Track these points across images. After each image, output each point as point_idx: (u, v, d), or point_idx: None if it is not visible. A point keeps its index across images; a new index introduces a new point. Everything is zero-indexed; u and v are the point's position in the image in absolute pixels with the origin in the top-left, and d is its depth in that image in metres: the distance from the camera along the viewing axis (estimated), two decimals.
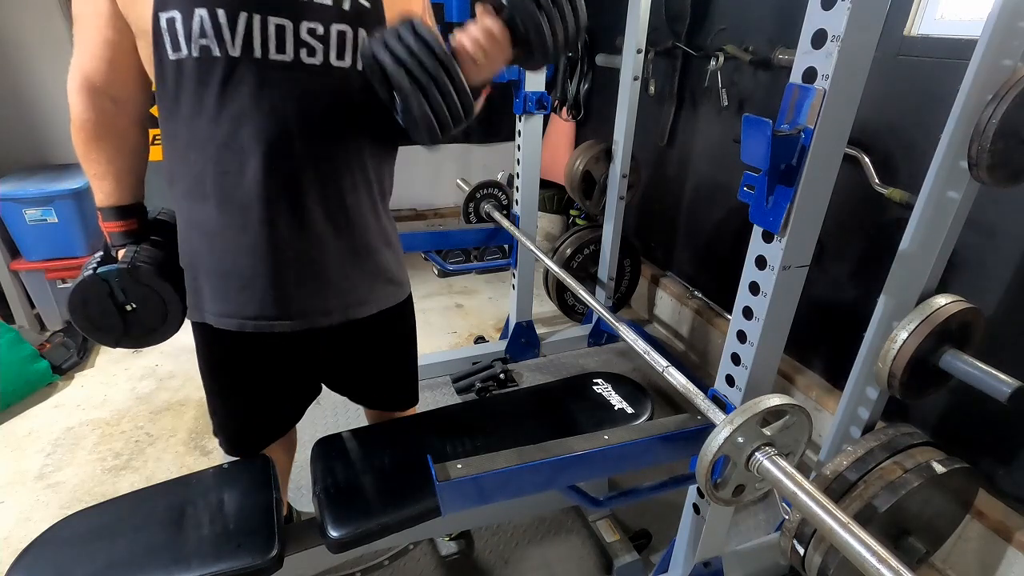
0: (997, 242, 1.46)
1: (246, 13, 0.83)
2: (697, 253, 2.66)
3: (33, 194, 2.37)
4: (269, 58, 0.86)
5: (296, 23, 0.86)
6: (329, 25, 0.88)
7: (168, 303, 1.05)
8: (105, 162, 0.99)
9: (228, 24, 0.83)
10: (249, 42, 0.85)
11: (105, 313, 1.01)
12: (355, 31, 0.90)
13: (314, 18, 0.87)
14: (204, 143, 0.91)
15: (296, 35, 0.87)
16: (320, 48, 0.89)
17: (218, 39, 0.83)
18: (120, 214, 1.03)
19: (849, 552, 0.74)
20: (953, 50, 1.49)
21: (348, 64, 0.92)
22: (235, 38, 0.84)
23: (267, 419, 1.22)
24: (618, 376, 1.51)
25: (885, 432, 1.24)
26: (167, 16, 0.82)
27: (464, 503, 0.98)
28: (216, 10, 0.82)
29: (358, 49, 0.91)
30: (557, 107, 3.27)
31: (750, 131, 0.84)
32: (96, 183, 1.00)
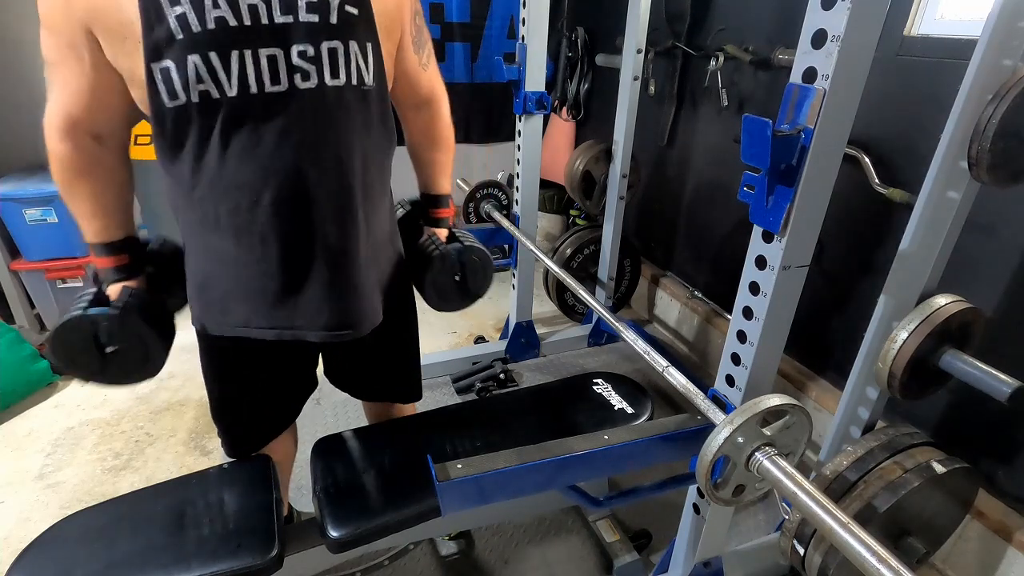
0: (997, 242, 1.46)
1: (237, 51, 0.83)
2: (697, 253, 2.66)
3: (33, 194, 2.37)
4: (265, 91, 0.86)
5: (286, 50, 0.86)
6: (319, 45, 0.87)
7: (151, 352, 1.02)
8: (92, 199, 0.96)
9: (222, 66, 0.83)
10: (244, 80, 0.84)
11: (85, 351, 0.97)
12: (346, 45, 0.89)
13: (303, 40, 0.86)
14: (212, 182, 0.91)
15: (288, 62, 0.86)
16: (313, 70, 0.88)
17: (215, 82, 0.83)
18: (111, 250, 1.00)
19: (849, 552, 0.74)
20: (953, 50, 1.49)
21: (343, 82, 0.91)
22: (231, 78, 0.84)
23: (271, 418, 1.23)
24: (618, 376, 1.51)
25: (885, 432, 1.24)
26: (160, 67, 0.81)
27: (464, 503, 0.98)
28: (208, 54, 0.81)
29: (351, 65, 0.91)
30: (557, 107, 3.27)
31: (750, 131, 0.84)
32: (84, 222, 0.97)
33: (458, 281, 1.26)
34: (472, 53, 3.24)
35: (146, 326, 1.00)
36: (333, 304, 1.02)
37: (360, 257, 1.03)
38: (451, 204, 1.30)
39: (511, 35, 3.24)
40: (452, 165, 1.27)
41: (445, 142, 1.23)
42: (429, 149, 1.22)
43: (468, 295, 1.31)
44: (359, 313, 1.06)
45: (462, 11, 3.12)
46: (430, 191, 1.28)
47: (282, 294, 0.99)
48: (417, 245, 1.25)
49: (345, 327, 1.04)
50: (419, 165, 1.26)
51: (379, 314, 1.11)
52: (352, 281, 1.03)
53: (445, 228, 1.29)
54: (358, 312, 1.05)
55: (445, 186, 1.27)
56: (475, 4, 3.13)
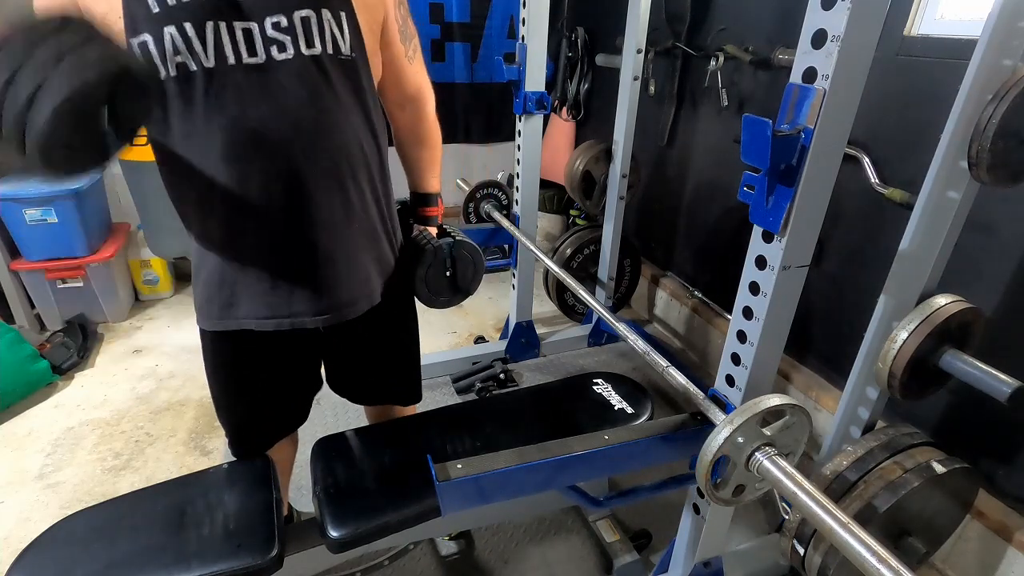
0: (997, 242, 1.46)
1: (212, 22, 0.84)
2: (697, 253, 2.66)
3: (33, 194, 2.37)
4: (243, 63, 0.87)
5: (260, 22, 0.86)
6: (291, 14, 0.88)
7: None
8: None
9: (198, 36, 0.83)
10: (221, 50, 0.85)
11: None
12: (318, 13, 0.89)
13: (276, 11, 0.87)
14: (201, 160, 0.91)
15: (263, 34, 0.87)
16: (288, 40, 0.88)
17: (191, 53, 0.84)
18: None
19: (849, 552, 0.74)
20: (953, 50, 1.49)
21: (319, 50, 0.91)
22: (207, 49, 0.84)
23: (275, 417, 1.23)
24: (618, 376, 1.51)
25: (885, 432, 1.24)
26: (138, 41, 0.83)
27: (464, 503, 0.98)
28: (184, 24, 0.82)
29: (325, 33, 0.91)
30: (557, 107, 3.27)
31: (750, 131, 0.84)
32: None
33: (449, 276, 1.29)
34: (472, 53, 3.24)
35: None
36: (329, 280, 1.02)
37: (352, 231, 1.03)
38: (440, 203, 1.31)
39: (511, 35, 3.25)
40: (440, 163, 1.28)
41: (431, 140, 1.23)
42: (415, 147, 1.23)
43: (459, 290, 1.33)
44: (355, 290, 1.06)
45: (462, 11, 3.12)
46: (418, 190, 1.28)
47: (277, 274, 0.99)
48: (408, 240, 1.25)
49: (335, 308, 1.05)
50: (407, 164, 1.26)
51: (376, 294, 1.11)
52: (347, 256, 1.03)
53: (434, 226, 1.30)
54: (354, 289, 1.06)
55: (433, 184, 1.28)
56: (475, 4, 3.13)
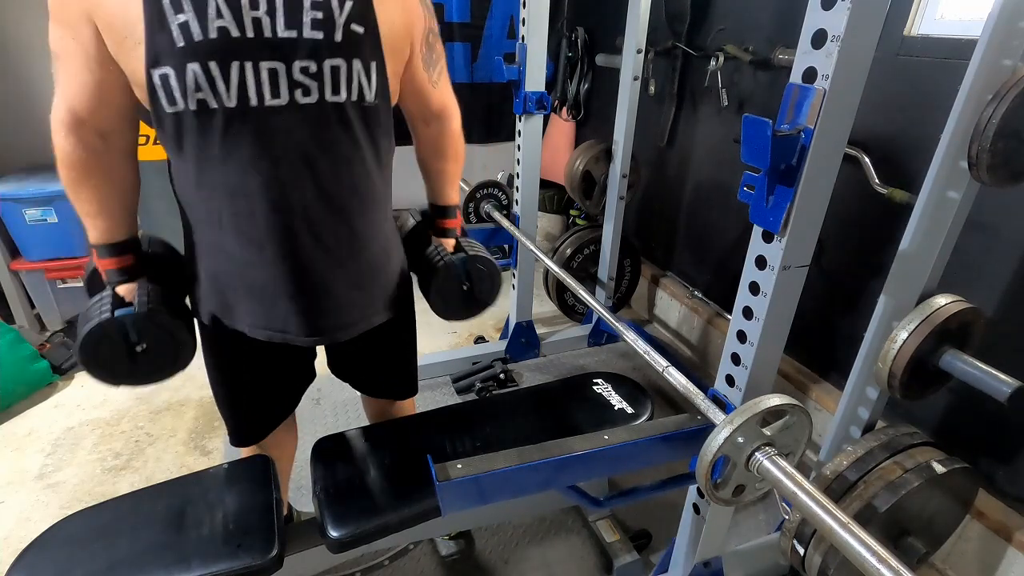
0: (997, 242, 1.46)
1: (238, 63, 0.82)
2: (697, 253, 2.66)
3: (33, 194, 2.37)
4: (265, 104, 0.86)
5: (288, 64, 0.85)
6: (322, 62, 0.86)
7: (181, 346, 1.04)
8: (97, 200, 0.95)
9: (222, 76, 0.82)
10: (244, 91, 0.84)
11: (115, 355, 0.98)
12: (349, 63, 0.89)
13: (306, 56, 0.85)
14: (214, 185, 0.91)
15: (289, 76, 0.86)
16: (315, 86, 0.88)
17: (213, 92, 0.83)
18: (116, 251, 0.99)
19: (849, 552, 0.74)
20: (953, 50, 1.49)
21: (343, 98, 0.90)
22: (230, 89, 0.83)
23: (271, 406, 1.24)
24: (618, 376, 1.51)
25: (885, 432, 1.24)
26: (159, 73, 0.81)
27: (464, 503, 0.98)
28: (208, 63, 0.81)
29: (352, 82, 0.90)
30: (557, 107, 3.27)
31: (750, 131, 0.84)
32: (88, 221, 0.97)
33: (465, 290, 1.27)
34: (472, 53, 3.24)
35: (175, 320, 1.01)
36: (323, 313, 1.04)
37: (355, 268, 1.04)
38: (459, 215, 1.29)
39: (511, 35, 3.24)
40: (460, 176, 1.26)
41: (454, 154, 1.21)
42: (438, 159, 1.21)
43: (476, 304, 1.32)
44: (349, 320, 1.07)
45: (462, 11, 3.12)
46: (437, 202, 1.27)
47: (276, 298, 1.00)
48: (423, 255, 1.25)
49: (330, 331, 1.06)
50: (427, 175, 1.25)
51: (370, 320, 1.12)
52: (346, 290, 1.04)
53: (452, 238, 1.29)
54: (348, 320, 1.07)
55: (453, 197, 1.26)
56: (475, 4, 3.13)
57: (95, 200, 0.95)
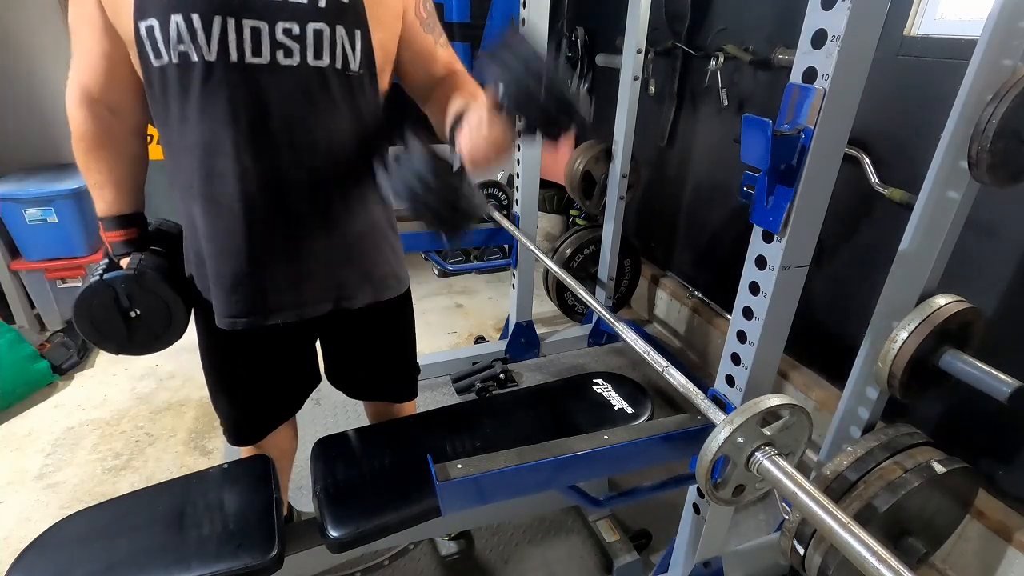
0: (997, 242, 1.46)
1: (220, 17, 0.83)
2: (697, 253, 2.66)
3: (33, 194, 2.37)
4: (245, 61, 0.87)
5: (271, 24, 0.86)
6: (305, 24, 0.87)
7: (173, 310, 1.04)
8: (105, 171, 0.99)
9: (203, 28, 0.83)
10: (225, 46, 0.85)
11: (110, 319, 0.99)
12: (332, 28, 0.89)
13: (289, 18, 0.86)
14: (191, 147, 0.92)
15: (272, 36, 0.86)
16: (297, 48, 0.88)
17: (194, 44, 0.84)
18: (121, 223, 1.03)
19: (849, 552, 0.74)
20: (953, 50, 1.49)
21: (326, 63, 0.91)
22: (211, 42, 0.84)
23: (268, 407, 1.24)
24: (618, 376, 1.51)
25: (885, 432, 1.24)
26: (146, 24, 0.83)
27: (464, 503, 0.98)
28: (191, 15, 0.82)
29: (336, 48, 0.90)
30: None
31: (750, 131, 0.84)
32: (96, 192, 1.01)
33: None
34: (472, 53, 3.24)
35: (164, 284, 1.02)
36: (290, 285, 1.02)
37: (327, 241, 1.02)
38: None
39: None
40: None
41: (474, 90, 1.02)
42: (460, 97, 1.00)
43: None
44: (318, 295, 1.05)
45: (462, 11, 3.12)
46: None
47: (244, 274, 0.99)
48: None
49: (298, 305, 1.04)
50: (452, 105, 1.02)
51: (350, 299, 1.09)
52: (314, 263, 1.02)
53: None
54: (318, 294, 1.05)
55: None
56: (475, 4, 3.13)
57: (104, 171, 0.99)
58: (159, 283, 1.01)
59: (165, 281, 1.02)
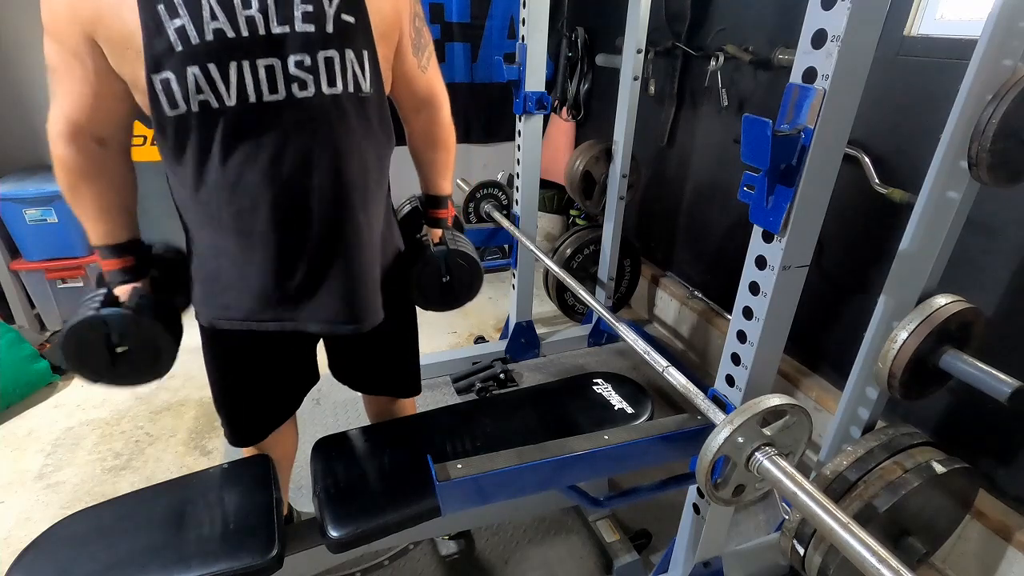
0: (997, 242, 1.46)
1: (235, 62, 0.84)
2: (697, 253, 2.66)
3: (33, 194, 2.37)
4: (264, 100, 0.87)
5: (283, 60, 0.86)
6: (316, 54, 0.88)
7: (162, 352, 1.03)
8: (96, 202, 0.96)
9: (221, 77, 0.84)
10: (243, 89, 0.85)
11: (97, 352, 0.97)
12: (342, 54, 0.90)
13: (300, 50, 0.87)
14: (214, 186, 0.92)
15: (285, 71, 0.87)
16: (311, 79, 0.89)
17: (214, 92, 0.84)
18: (116, 252, 1.00)
19: (849, 552, 0.74)
20: (953, 50, 1.49)
21: (340, 90, 0.91)
22: (229, 89, 0.85)
23: (272, 407, 1.25)
24: (618, 376, 1.51)
25: (885, 432, 1.24)
26: (160, 78, 0.82)
27: (464, 503, 0.98)
28: (208, 65, 0.82)
29: (347, 73, 0.91)
30: (557, 107, 3.27)
31: (750, 131, 0.84)
32: (89, 225, 0.98)
33: (445, 283, 1.27)
34: (472, 53, 3.24)
35: (159, 326, 1.00)
36: (333, 303, 1.04)
37: (359, 257, 1.04)
38: (450, 206, 1.31)
39: (511, 35, 3.24)
40: (453, 166, 1.28)
41: (444, 143, 1.23)
42: (429, 150, 1.23)
43: (453, 298, 1.31)
44: (359, 312, 1.07)
45: (462, 11, 3.12)
46: (429, 192, 1.29)
47: (283, 293, 1.01)
48: (411, 242, 1.26)
49: (344, 323, 1.06)
50: (419, 165, 1.27)
51: (379, 312, 1.12)
52: (352, 280, 1.04)
53: (440, 229, 1.30)
54: (358, 311, 1.07)
55: (445, 187, 1.28)
56: (475, 4, 3.13)
57: (94, 203, 0.96)
58: (154, 324, 0.99)
59: (160, 322, 1.00)
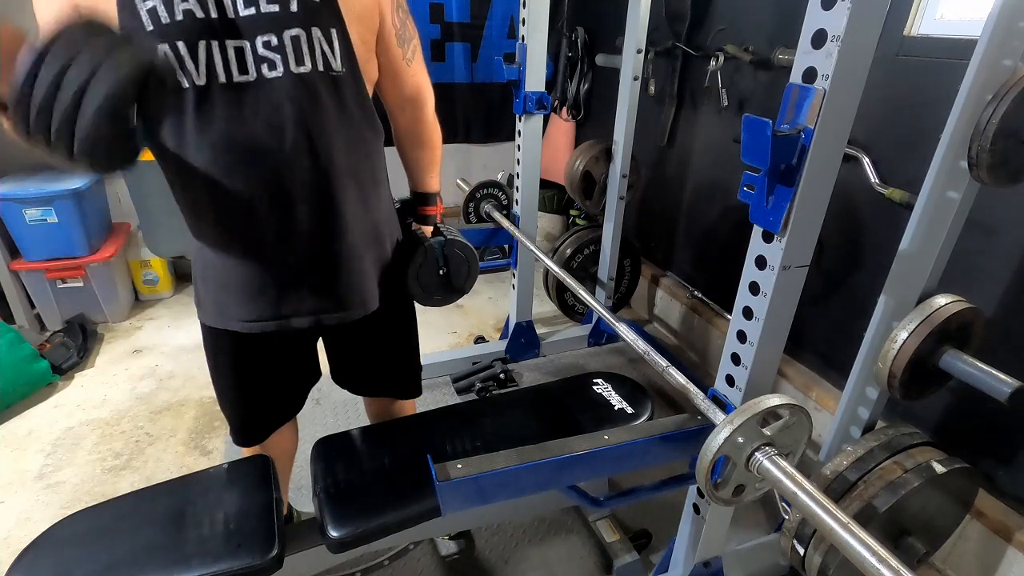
0: (997, 242, 1.46)
1: (204, 42, 0.85)
2: (697, 253, 2.66)
3: (33, 194, 2.37)
4: (234, 81, 0.88)
5: (252, 41, 0.87)
6: (282, 33, 0.88)
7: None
8: None
9: (190, 55, 0.84)
10: (212, 69, 0.86)
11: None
12: (308, 32, 0.89)
13: (267, 30, 0.87)
14: (192, 171, 0.92)
15: (254, 52, 0.88)
16: (279, 59, 0.89)
17: (183, 71, 0.85)
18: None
19: (849, 552, 0.74)
20: (953, 50, 1.49)
21: (309, 68, 0.91)
22: (199, 67, 0.85)
23: (275, 406, 1.25)
24: (618, 376, 1.51)
25: (885, 432, 1.24)
26: None
27: (464, 503, 0.98)
28: (176, 43, 0.83)
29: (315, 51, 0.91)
30: (557, 107, 3.27)
31: (750, 131, 0.84)
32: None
33: (442, 275, 1.29)
34: (472, 53, 3.24)
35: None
36: (318, 289, 1.04)
37: (344, 241, 1.03)
38: (439, 202, 1.32)
39: (511, 35, 3.25)
40: (439, 164, 1.28)
41: (430, 140, 1.23)
42: (414, 147, 1.24)
43: (452, 290, 1.33)
44: (346, 297, 1.07)
45: (462, 11, 3.12)
46: (418, 189, 1.29)
47: (264, 282, 1.01)
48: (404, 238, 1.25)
49: (332, 311, 1.06)
50: (406, 163, 1.27)
51: (373, 300, 1.12)
52: (336, 265, 1.04)
53: (431, 225, 1.31)
54: (345, 296, 1.07)
55: (432, 184, 1.29)
56: (475, 4, 3.13)
57: None
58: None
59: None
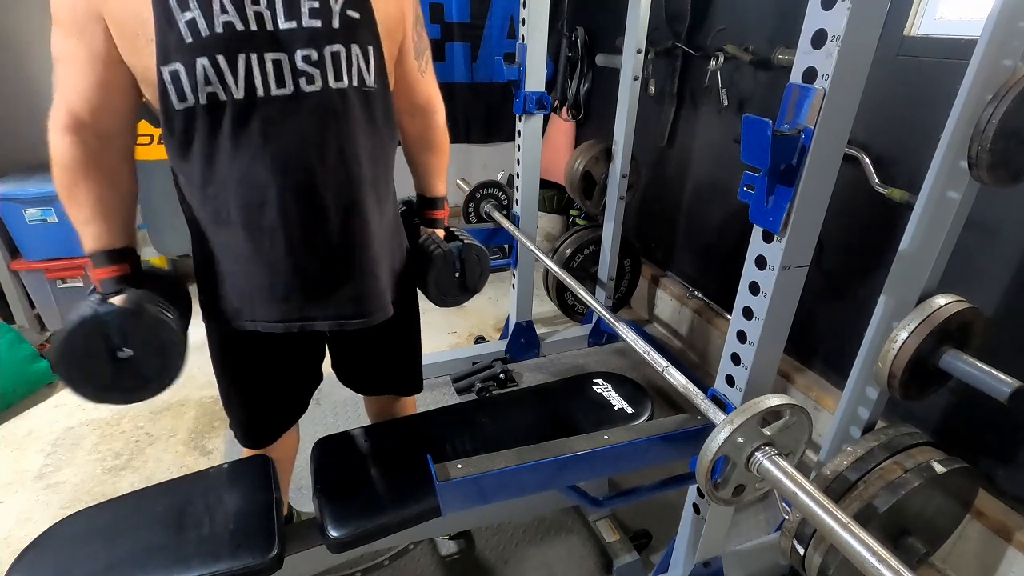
0: (997, 242, 1.46)
1: (244, 55, 0.84)
2: (697, 253, 2.66)
3: (33, 194, 2.37)
4: (272, 94, 0.88)
5: (291, 55, 0.87)
6: (322, 49, 0.89)
7: (169, 354, 0.92)
8: (93, 203, 0.91)
9: (230, 69, 0.84)
10: (251, 82, 0.86)
11: (95, 358, 0.86)
12: (348, 48, 0.90)
13: (307, 45, 0.88)
14: (223, 180, 0.92)
15: (292, 66, 0.88)
16: (318, 74, 0.89)
17: (222, 84, 0.85)
18: (112, 258, 0.93)
19: (849, 552, 0.74)
20: (953, 50, 1.49)
21: (346, 84, 0.92)
22: (238, 81, 0.85)
23: (281, 411, 1.25)
24: (618, 376, 1.51)
25: (885, 432, 1.24)
26: (170, 70, 0.83)
27: (464, 503, 0.98)
28: (216, 57, 0.83)
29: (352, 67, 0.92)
30: (557, 107, 3.27)
31: (750, 131, 0.84)
32: (83, 228, 0.92)
33: (458, 278, 1.30)
34: (472, 53, 3.24)
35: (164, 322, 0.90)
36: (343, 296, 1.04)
37: (370, 250, 1.05)
38: (446, 206, 1.33)
39: (511, 35, 3.24)
40: (447, 168, 1.30)
41: (439, 147, 1.25)
42: (424, 152, 1.25)
43: (467, 290, 1.34)
44: (369, 303, 1.08)
45: (462, 11, 3.12)
46: (426, 193, 1.30)
47: (291, 288, 1.01)
48: (418, 245, 1.27)
49: (354, 316, 1.07)
50: (414, 168, 1.28)
51: (389, 306, 1.13)
52: (362, 273, 1.05)
53: (441, 228, 1.32)
54: (368, 302, 1.08)
55: (440, 188, 1.30)
56: (475, 4, 3.13)
57: (91, 203, 0.91)
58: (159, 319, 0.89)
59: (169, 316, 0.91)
